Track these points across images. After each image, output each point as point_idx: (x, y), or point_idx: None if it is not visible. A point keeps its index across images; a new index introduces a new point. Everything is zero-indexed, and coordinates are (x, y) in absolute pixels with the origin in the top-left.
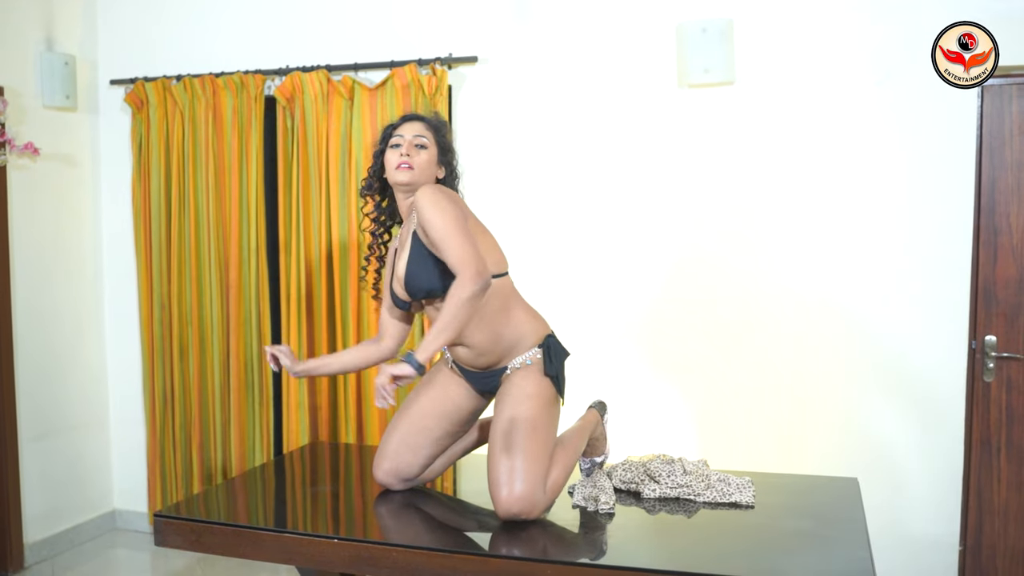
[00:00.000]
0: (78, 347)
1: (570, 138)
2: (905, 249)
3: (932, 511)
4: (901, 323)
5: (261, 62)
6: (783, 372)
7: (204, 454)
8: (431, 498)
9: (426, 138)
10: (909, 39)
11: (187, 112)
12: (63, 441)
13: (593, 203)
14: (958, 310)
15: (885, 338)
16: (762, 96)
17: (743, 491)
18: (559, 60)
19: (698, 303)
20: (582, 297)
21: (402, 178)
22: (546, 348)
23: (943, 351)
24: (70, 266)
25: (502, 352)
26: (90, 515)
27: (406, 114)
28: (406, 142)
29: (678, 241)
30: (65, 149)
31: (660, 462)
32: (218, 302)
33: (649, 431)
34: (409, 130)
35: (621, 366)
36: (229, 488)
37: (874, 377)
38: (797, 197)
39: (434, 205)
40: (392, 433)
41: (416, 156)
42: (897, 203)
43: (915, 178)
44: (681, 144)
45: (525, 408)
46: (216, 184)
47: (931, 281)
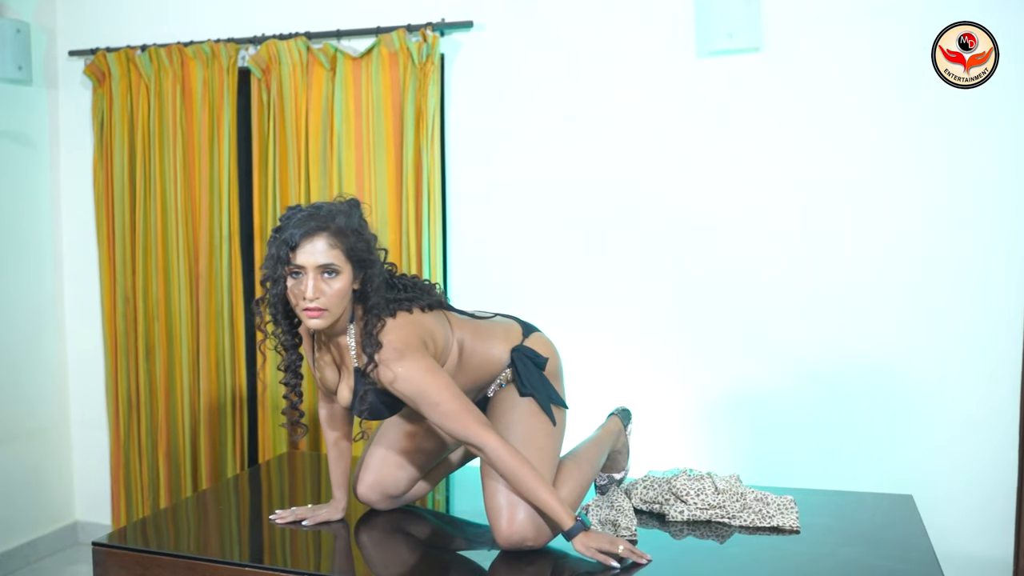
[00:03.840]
0: (34, 344)
1: (575, 114)
2: (955, 241)
3: (982, 530)
4: (951, 322)
5: (234, 30)
6: (820, 374)
7: (172, 463)
8: (420, 520)
9: (334, 262)
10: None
11: (152, 85)
12: (17, 447)
13: (602, 186)
14: (1013, 311)
15: (933, 337)
16: (792, 65)
17: (786, 512)
18: (563, 26)
19: (721, 294)
20: (590, 287)
21: (316, 325)
22: (514, 369)
23: (996, 356)
24: (25, 255)
25: (479, 391)
26: (49, 528)
27: (298, 213)
28: (310, 275)
29: (698, 227)
30: (18, 126)
31: (687, 478)
32: (187, 295)
33: (672, 441)
34: (310, 255)
35: (638, 365)
36: (196, 504)
37: (919, 382)
38: (833, 178)
39: (417, 393)
40: (376, 445)
41: (328, 290)
42: (947, 186)
43: (966, 155)
44: (699, 120)
45: (516, 421)
46: (184, 165)
47: (987, 273)
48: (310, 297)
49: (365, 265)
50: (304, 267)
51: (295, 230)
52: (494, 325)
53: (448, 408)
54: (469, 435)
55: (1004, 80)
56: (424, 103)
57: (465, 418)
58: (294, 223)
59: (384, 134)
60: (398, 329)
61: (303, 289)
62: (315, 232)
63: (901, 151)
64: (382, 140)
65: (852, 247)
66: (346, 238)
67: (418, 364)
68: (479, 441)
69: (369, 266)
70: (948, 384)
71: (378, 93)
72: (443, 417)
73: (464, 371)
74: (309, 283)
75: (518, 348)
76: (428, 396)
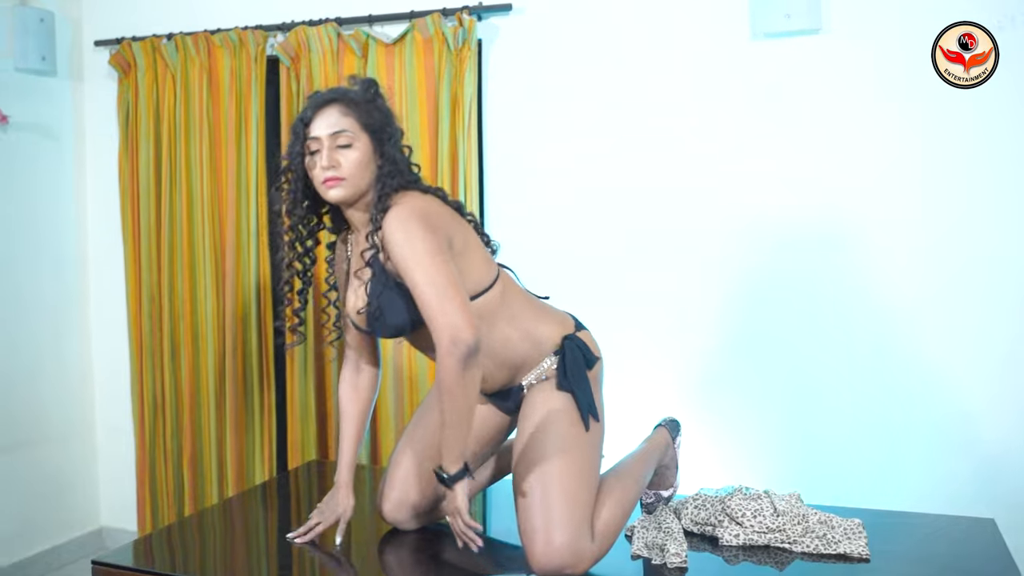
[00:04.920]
0: (59, 346)
1: (619, 102)
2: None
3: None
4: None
5: (262, 16)
6: (889, 383)
7: (196, 468)
8: (448, 540)
9: (349, 130)
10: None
11: (179, 76)
12: (41, 451)
13: (646, 178)
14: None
15: (1015, 339)
16: (855, 48)
17: (853, 537)
18: (606, 9)
19: (780, 294)
20: (633, 285)
21: (336, 196)
22: (561, 356)
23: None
24: (49, 253)
25: (512, 372)
26: (72, 534)
27: (315, 95)
28: (325, 147)
29: (751, 222)
30: (41, 118)
31: (742, 497)
32: (212, 293)
33: (726, 455)
34: (324, 125)
35: (687, 371)
36: (221, 513)
37: (998, 389)
38: (903, 173)
39: (404, 243)
40: (401, 458)
41: (344, 161)
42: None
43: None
44: (752, 107)
45: (553, 432)
46: (211, 157)
47: None
48: (324, 166)
49: (382, 138)
50: (320, 139)
51: (309, 108)
52: (548, 306)
53: (426, 276)
54: (435, 321)
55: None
56: (460, 91)
57: (441, 296)
58: (309, 103)
59: (419, 124)
60: (413, 199)
61: (320, 158)
62: (328, 103)
63: (976, 142)
64: (416, 130)
65: (927, 247)
66: (359, 107)
67: (414, 222)
68: (434, 332)
69: (387, 140)
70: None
71: (412, 81)
72: (417, 287)
73: (499, 335)
74: (324, 153)
75: (571, 337)
76: (408, 258)
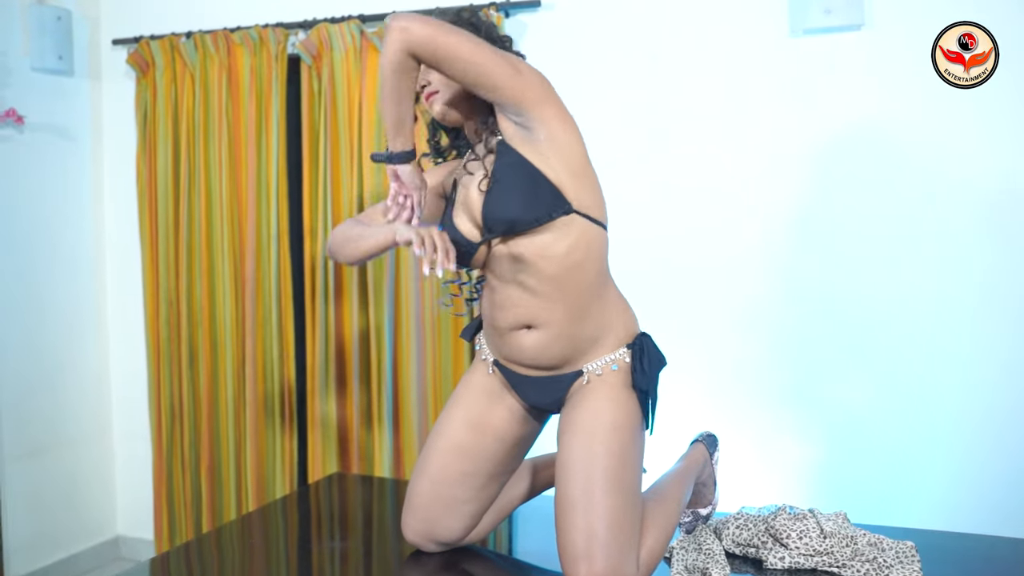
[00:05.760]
0: (75, 350)
1: (652, 101)
2: None
3: None
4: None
5: (283, 14)
6: (943, 398)
7: (215, 479)
8: (479, 561)
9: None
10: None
11: (198, 75)
12: (56, 458)
13: (682, 180)
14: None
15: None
16: (898, 45)
17: (906, 562)
18: (639, 5)
19: (824, 304)
20: (672, 290)
21: (436, 109)
22: (638, 349)
23: None
24: (66, 256)
25: (581, 343)
26: (88, 543)
27: None
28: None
29: (792, 226)
30: (58, 119)
31: (787, 517)
32: (231, 298)
33: (768, 471)
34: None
35: (727, 383)
36: (239, 529)
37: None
38: (951, 173)
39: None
40: (421, 477)
41: (434, 76)
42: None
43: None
44: (791, 106)
45: (608, 445)
46: (231, 158)
47: None
48: (420, 84)
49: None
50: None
51: None
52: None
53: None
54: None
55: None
56: None
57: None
58: None
59: None
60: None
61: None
62: None
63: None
64: None
65: (979, 251)
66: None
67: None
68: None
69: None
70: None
71: None
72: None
73: (593, 279)
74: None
75: (646, 334)
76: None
